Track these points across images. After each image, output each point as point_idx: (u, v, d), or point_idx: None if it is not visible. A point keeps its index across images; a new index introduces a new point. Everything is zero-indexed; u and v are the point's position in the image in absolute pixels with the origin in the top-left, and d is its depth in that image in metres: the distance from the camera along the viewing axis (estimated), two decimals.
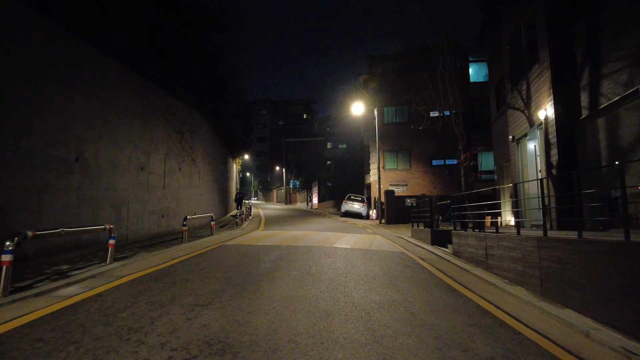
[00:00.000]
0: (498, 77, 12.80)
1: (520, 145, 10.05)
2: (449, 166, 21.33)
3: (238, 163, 33.76)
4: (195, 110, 13.40)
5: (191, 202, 12.75)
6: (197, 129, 13.56)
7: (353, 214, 22.35)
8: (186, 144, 12.30)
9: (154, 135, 10.21)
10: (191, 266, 6.18)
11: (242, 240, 9.60)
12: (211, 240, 9.53)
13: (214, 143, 17.64)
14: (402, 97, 21.27)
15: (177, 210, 11.57)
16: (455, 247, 8.21)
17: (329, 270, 6.03)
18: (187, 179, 12.40)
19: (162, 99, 10.80)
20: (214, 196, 17.32)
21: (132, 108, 9.13)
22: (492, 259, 6.44)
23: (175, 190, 11.48)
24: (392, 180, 21.07)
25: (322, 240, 9.77)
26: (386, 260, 7.36)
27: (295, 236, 10.73)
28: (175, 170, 11.49)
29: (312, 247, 8.46)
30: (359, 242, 9.73)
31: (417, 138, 21.39)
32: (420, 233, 10.96)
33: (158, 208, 10.40)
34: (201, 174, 14.10)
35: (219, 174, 18.90)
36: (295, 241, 9.51)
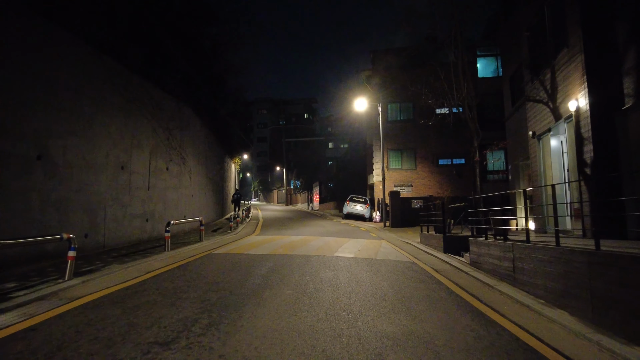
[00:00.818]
0: (514, 69, 11.81)
1: (542, 141, 9.05)
2: (456, 166, 20.33)
3: (237, 163, 32.83)
4: (186, 105, 12.46)
5: (181, 204, 11.80)
6: (188, 125, 12.62)
7: (355, 216, 21.37)
8: (175, 142, 11.36)
9: (137, 131, 9.26)
10: (165, 282, 5.21)
11: (233, 248, 8.63)
12: (198, 248, 8.57)
13: (209, 141, 16.69)
14: (408, 91, 20.26)
15: (165, 214, 10.62)
16: (474, 257, 7.22)
17: (330, 288, 5.05)
18: (176, 180, 11.46)
19: (147, 91, 9.86)
20: (209, 197, 16.37)
21: (110, 100, 8.18)
22: (522, 274, 5.46)
23: (162, 191, 10.54)
24: (397, 181, 20.08)
25: (322, 248, 8.80)
26: (395, 272, 6.38)
27: (293, 242, 9.76)
28: (162, 169, 10.54)
29: (311, 257, 7.48)
30: (363, 250, 8.75)
31: (422, 136, 20.40)
32: (430, 239, 9.98)
33: (142, 211, 9.45)
34: (193, 174, 13.16)
35: (214, 174, 17.95)
36: (292, 249, 8.53)
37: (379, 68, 20.79)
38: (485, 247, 6.75)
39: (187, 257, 7.29)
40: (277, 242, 9.84)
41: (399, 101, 20.70)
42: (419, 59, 20.96)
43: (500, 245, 6.18)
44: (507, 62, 12.61)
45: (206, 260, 6.97)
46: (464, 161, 20.38)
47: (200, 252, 8.02)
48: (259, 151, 70.05)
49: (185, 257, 7.29)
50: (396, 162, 20.40)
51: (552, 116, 8.16)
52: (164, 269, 6.21)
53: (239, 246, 8.92)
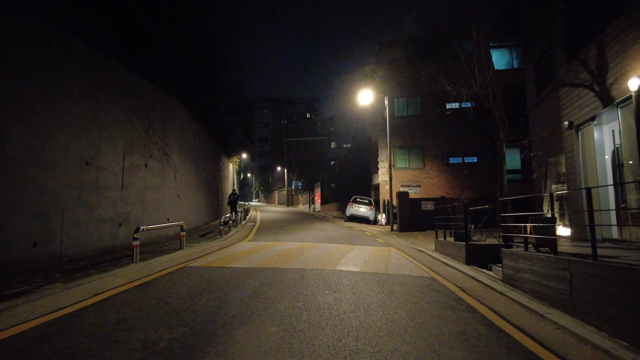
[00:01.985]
0: (540, 53, 10.42)
1: (582, 133, 7.66)
2: (468, 164, 18.91)
3: (235, 163, 31.55)
4: (170, 95, 11.16)
5: (163, 205, 10.48)
6: (173, 118, 11.31)
7: (359, 219, 19.99)
8: (156, 135, 10.05)
9: (106, 121, 7.95)
10: (109, 312, 3.88)
11: (216, 259, 7.28)
12: (174, 259, 7.23)
13: (200, 138, 15.39)
14: (416, 84, 18.89)
15: (142, 217, 9.30)
16: (509, 272, 5.84)
17: (329, 322, 3.70)
18: (157, 178, 10.15)
19: (120, 76, 8.56)
20: (200, 199, 15.06)
21: (71, 82, 6.88)
22: (584, 300, 4.09)
23: (139, 191, 9.23)
24: (404, 181, 18.69)
25: (321, 259, 7.43)
26: (413, 294, 5.01)
27: (288, 251, 8.40)
28: (139, 166, 9.23)
29: (307, 272, 6.12)
30: (370, 261, 7.38)
31: (432, 133, 19.00)
32: (448, 247, 8.60)
33: (113, 214, 8.14)
34: (179, 173, 11.85)
35: (207, 174, 16.64)
36: (286, 260, 7.18)
37: (384, 60, 19.44)
38: (525, 261, 5.38)
39: (156, 272, 5.96)
40: (270, 250, 8.48)
41: (405, 95, 19.32)
42: (428, 50, 19.59)
43: (548, 260, 4.80)
44: (531, 46, 11.22)
45: (177, 277, 5.63)
46: (476, 159, 18.97)
47: (175, 264, 6.68)
48: (260, 151, 68.79)
49: (153, 272, 5.95)
50: (403, 160, 19.01)
51: (599, 101, 6.77)
52: (119, 288, 4.88)
53: (224, 256, 7.57)
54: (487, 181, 18.60)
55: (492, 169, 18.94)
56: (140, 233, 9.05)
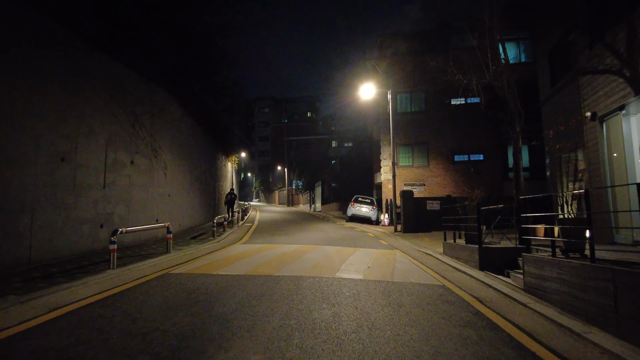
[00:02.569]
0: (555, 41, 9.71)
1: (608, 125, 6.95)
2: (474, 162, 18.19)
3: (234, 162, 30.87)
4: (160, 88, 10.49)
5: (151, 205, 9.81)
6: (163, 112, 10.64)
7: (361, 219, 19.29)
8: (143, 130, 9.38)
9: (86, 114, 7.29)
10: (58, 335, 3.19)
11: (202, 264, 6.60)
12: (158, 264, 6.55)
13: (195, 135, 14.72)
14: (419, 79, 18.19)
15: (128, 218, 8.64)
16: (532, 281, 5.14)
17: (326, 347, 3.01)
18: (145, 176, 9.48)
19: (103, 65, 7.89)
20: (194, 198, 14.39)
21: (44, 69, 6.21)
22: (635, 319, 3.38)
23: (124, 190, 8.56)
24: (407, 179, 17.98)
25: (320, 264, 6.74)
26: (424, 307, 4.32)
27: (284, 255, 7.71)
28: (124, 163, 8.56)
29: (304, 280, 5.43)
30: (374, 267, 6.68)
31: (436, 129, 18.29)
32: (458, 250, 7.90)
33: (93, 215, 7.47)
34: (170, 170, 11.18)
35: (202, 172, 15.97)
36: (280, 265, 6.49)
37: (387, 54, 18.73)
38: (552, 269, 4.67)
39: (133, 280, 5.28)
40: (264, 254, 7.80)
41: (409, 90, 18.61)
42: (433, 41, 18.88)
43: (584, 269, 4.10)
44: (544, 35, 10.51)
45: (154, 287, 4.94)
46: (483, 157, 18.25)
47: (156, 270, 6.00)
48: (260, 150, 68.13)
49: (130, 280, 5.27)
50: (406, 158, 18.30)
51: (629, 88, 6.07)
52: (84, 301, 4.20)
53: (212, 261, 6.88)
54: (494, 180, 17.90)
55: (499, 167, 18.23)
56: (125, 235, 8.42)
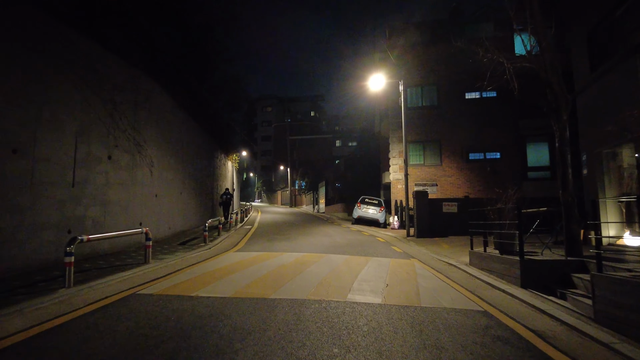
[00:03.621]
0: (595, 21, 8.45)
1: None
2: (490, 161, 16.89)
3: (235, 161, 29.72)
4: (145, 75, 9.33)
5: (134, 207, 8.64)
6: (149, 102, 9.47)
7: (368, 221, 18.05)
8: (124, 121, 8.21)
9: (48, 98, 6.13)
10: None
11: (182, 281, 5.39)
12: (128, 279, 5.35)
13: (190, 130, 13.57)
14: (431, 72, 16.92)
15: (104, 221, 7.47)
16: (607, 309, 3.89)
17: None
18: (125, 173, 8.31)
19: (74, 45, 6.74)
20: (187, 199, 13.22)
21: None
22: None
23: (99, 189, 7.39)
24: (418, 179, 16.71)
25: (327, 281, 5.51)
26: (473, 350, 3.09)
27: (283, 267, 6.50)
28: (99, 158, 7.40)
29: (307, 306, 4.21)
30: (394, 284, 5.45)
31: (449, 125, 17.02)
32: (489, 261, 6.65)
33: (58, 218, 6.31)
34: (158, 168, 10.00)
35: (197, 171, 14.81)
36: (278, 283, 5.27)
37: (396, 45, 17.47)
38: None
39: (86, 304, 4.10)
40: (260, 266, 6.59)
41: (420, 84, 17.35)
42: (443, 34, 17.61)
43: None
44: (580, 16, 9.24)
45: (110, 316, 3.75)
46: (500, 155, 16.95)
47: (123, 289, 4.81)
48: (263, 150, 67.00)
49: (82, 304, 4.09)
50: (417, 156, 17.03)
51: None
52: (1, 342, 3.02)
53: (196, 276, 5.68)
54: (511, 179, 16.58)
55: (518, 165, 16.93)
56: (102, 242, 7.26)
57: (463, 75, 16.57)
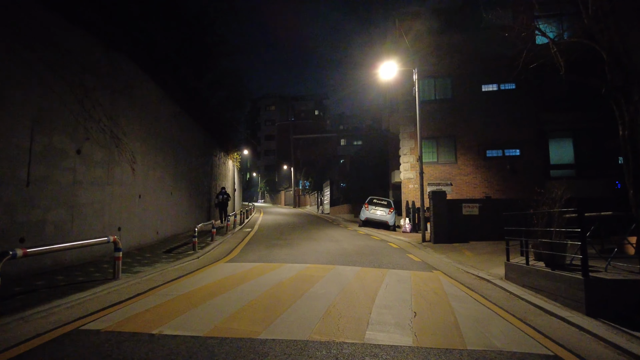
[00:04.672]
0: None
1: None
2: (509, 158, 15.58)
3: (236, 160, 28.57)
4: (126, 59, 8.17)
5: (111, 209, 7.48)
6: (131, 90, 8.31)
7: (376, 223, 16.81)
8: (98, 111, 7.05)
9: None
10: None
11: (147, 309, 4.17)
12: (78, 305, 4.15)
13: (182, 125, 12.43)
14: (445, 62, 15.61)
15: (71, 227, 6.32)
16: None
17: None
18: (100, 171, 7.16)
19: (31, 16, 5.59)
20: (180, 200, 12.05)
21: None
22: None
23: (64, 188, 6.24)
24: (432, 178, 15.45)
25: (336, 308, 4.27)
26: None
27: (280, 286, 5.28)
28: (65, 152, 6.25)
29: (310, 352, 2.97)
30: (423, 311, 4.19)
31: (464, 120, 15.73)
32: (535, 277, 5.39)
33: (5, 224, 5.15)
34: (142, 165, 8.84)
35: (192, 169, 13.66)
36: (271, 312, 4.04)
37: (408, 34, 16.21)
38: None
39: (4, 349, 2.92)
40: (252, 284, 5.38)
41: (432, 76, 16.07)
42: (458, 22, 16.33)
43: None
44: None
45: None
46: (519, 152, 15.64)
47: (67, 320, 3.62)
48: (266, 150, 65.93)
49: None
50: (430, 154, 15.76)
51: None
52: None
53: (167, 300, 4.47)
54: (533, 178, 15.26)
55: (539, 163, 15.62)
56: (65, 252, 6.11)
57: (482, 63, 15.33)
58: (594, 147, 15.17)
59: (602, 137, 14.89)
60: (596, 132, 15.06)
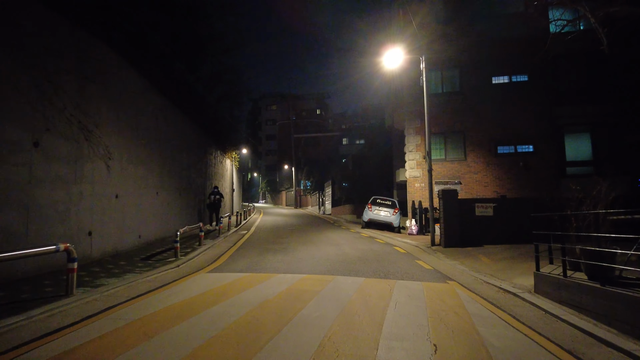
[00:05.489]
0: None
1: None
2: (522, 155, 14.60)
3: (235, 159, 27.68)
4: (98, 41, 7.26)
5: (81, 211, 6.57)
6: (104, 76, 7.41)
7: (380, 225, 15.87)
8: (64, 98, 6.15)
9: None
10: None
11: (92, 337, 3.23)
12: (2, 335, 3.25)
13: (170, 119, 11.53)
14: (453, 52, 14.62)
15: (25, 233, 5.42)
16: None
17: None
18: (65, 167, 6.26)
19: None
20: (167, 200, 11.14)
21: None
22: None
23: (16, 187, 5.34)
24: (439, 176, 14.48)
25: (332, 341, 3.29)
26: None
27: (266, 305, 4.35)
28: (18, 145, 5.35)
29: None
30: (444, 344, 3.21)
31: (474, 114, 14.76)
32: (575, 292, 4.44)
33: None
34: (120, 162, 7.93)
35: (183, 168, 12.76)
36: (248, 345, 3.06)
37: (414, 17, 15.22)
38: None
39: None
40: (232, 302, 4.45)
41: (439, 68, 15.09)
42: (466, 9, 15.34)
43: None
44: None
45: None
46: (532, 148, 14.65)
47: None
48: (267, 150, 65.04)
49: None
50: (438, 150, 14.79)
51: None
52: None
53: (123, 326, 3.54)
54: (547, 176, 14.29)
55: (554, 160, 14.61)
56: (20, 261, 5.20)
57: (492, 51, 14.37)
58: (613, 142, 14.14)
59: (622, 131, 13.88)
60: (616, 126, 14.05)
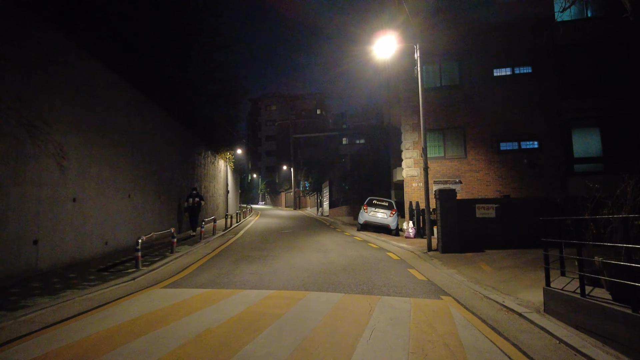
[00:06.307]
0: None
1: None
2: (526, 151, 13.68)
3: (229, 160, 26.84)
4: (40, 21, 6.47)
5: (18, 218, 5.74)
6: (53, 65, 6.60)
7: (376, 226, 14.99)
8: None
9: None
10: None
11: None
12: None
13: (146, 116, 10.74)
14: (451, 43, 13.74)
15: None
16: None
17: None
18: (1, 167, 5.46)
19: None
20: (144, 203, 10.32)
21: None
22: None
23: None
24: (438, 175, 13.59)
25: None
26: None
27: (206, 336, 3.48)
28: None
29: None
30: None
31: (475, 109, 13.86)
32: (598, 316, 3.57)
33: None
34: (76, 161, 7.13)
35: (163, 169, 11.95)
36: None
37: (408, 12, 14.37)
38: None
39: None
40: (164, 331, 3.61)
41: (437, 60, 14.22)
42: None
43: None
44: None
45: None
46: (537, 145, 13.73)
47: None
48: (267, 150, 64.32)
49: None
50: (436, 147, 13.91)
51: None
52: None
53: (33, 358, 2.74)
54: (554, 174, 13.38)
55: (560, 157, 13.69)
56: None
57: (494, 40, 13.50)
58: (625, 137, 13.20)
59: (635, 126, 12.94)
60: (628, 120, 13.11)
